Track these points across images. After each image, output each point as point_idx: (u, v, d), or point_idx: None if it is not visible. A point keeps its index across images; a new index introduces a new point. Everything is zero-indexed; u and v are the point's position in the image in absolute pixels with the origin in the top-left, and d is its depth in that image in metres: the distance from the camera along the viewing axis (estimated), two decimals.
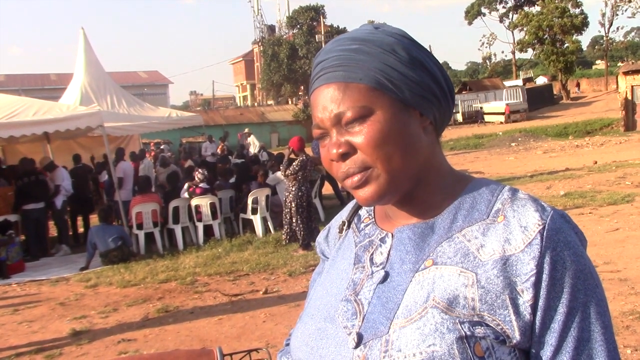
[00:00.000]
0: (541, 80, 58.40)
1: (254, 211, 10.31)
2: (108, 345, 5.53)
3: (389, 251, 0.97)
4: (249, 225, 10.62)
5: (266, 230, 10.36)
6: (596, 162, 16.45)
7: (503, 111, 38.92)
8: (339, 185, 12.87)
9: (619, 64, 54.86)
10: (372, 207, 1.09)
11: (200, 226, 10.17)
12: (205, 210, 10.14)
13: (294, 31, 51.80)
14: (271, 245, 9.32)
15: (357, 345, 0.89)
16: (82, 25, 17.16)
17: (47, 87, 52.92)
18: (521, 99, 41.41)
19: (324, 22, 47.76)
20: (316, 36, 46.61)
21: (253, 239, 9.94)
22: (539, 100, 43.27)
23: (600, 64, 69.85)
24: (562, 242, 0.86)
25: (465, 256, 0.89)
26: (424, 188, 0.97)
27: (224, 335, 5.54)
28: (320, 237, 1.22)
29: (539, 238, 0.85)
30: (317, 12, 50.11)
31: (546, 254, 0.84)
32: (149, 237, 9.95)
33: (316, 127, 0.96)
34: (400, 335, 0.86)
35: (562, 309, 0.84)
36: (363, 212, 1.11)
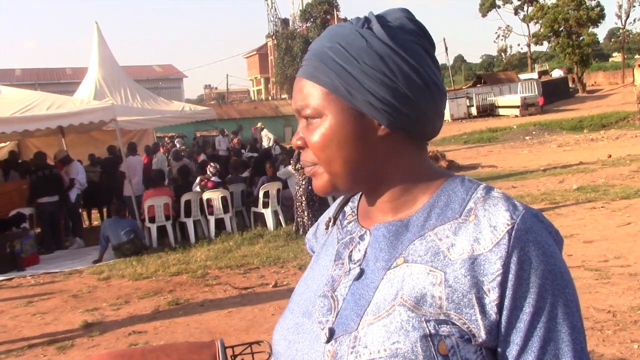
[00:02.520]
0: (557, 73, 57.85)
1: (265, 205, 10.36)
2: (119, 337, 5.61)
3: (366, 249, 0.98)
4: (260, 218, 10.67)
5: (277, 223, 10.41)
6: (610, 156, 16.31)
7: (518, 104, 38.65)
8: None
9: (636, 56, 54.26)
10: (357, 204, 1.11)
11: (211, 219, 10.24)
12: (217, 203, 10.20)
13: (308, 24, 51.76)
14: (282, 239, 9.37)
15: (329, 340, 0.91)
16: (95, 19, 17.29)
17: (63, 81, 53.25)
18: (536, 92, 41.11)
19: (337, 15, 47.66)
20: None
21: (264, 232, 10.00)
22: (554, 93, 42.89)
23: (617, 57, 69.01)
24: (530, 241, 0.86)
25: (436, 255, 0.89)
26: (388, 188, 0.99)
27: (233, 328, 5.59)
28: (309, 234, 1.24)
29: (507, 238, 0.86)
30: (330, 5, 50.02)
31: (513, 253, 0.85)
32: (161, 230, 10.03)
33: (295, 112, 1.03)
34: (368, 332, 0.87)
35: (528, 309, 0.84)
36: (347, 208, 1.12)
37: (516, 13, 65.04)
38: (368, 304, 0.91)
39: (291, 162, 9.12)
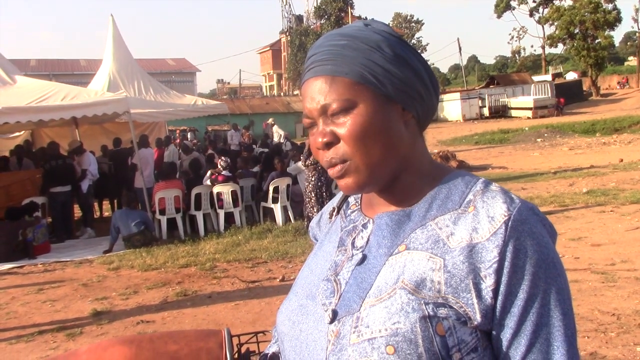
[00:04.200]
0: (571, 76, 57.52)
1: (275, 200, 10.43)
2: (127, 326, 5.69)
3: (369, 236, 1.04)
4: (269, 213, 10.74)
5: (286, 219, 10.47)
6: (622, 160, 16.24)
7: (531, 106, 38.49)
8: None
9: None
10: (360, 195, 1.16)
11: (221, 213, 10.32)
12: (227, 197, 10.27)
13: (322, 22, 51.77)
14: (290, 234, 9.44)
15: (332, 320, 0.97)
16: (111, 11, 17.42)
17: (77, 72, 53.52)
18: (549, 95, 40.92)
19: (351, 13, 47.64)
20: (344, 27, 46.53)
21: (273, 227, 10.06)
22: (568, 96, 42.69)
23: (632, 61, 68.54)
24: (526, 232, 0.91)
25: (436, 243, 0.95)
26: (403, 179, 1.04)
27: (239, 320, 5.66)
28: (313, 222, 1.30)
29: (504, 228, 0.91)
30: (345, 2, 49.97)
31: (509, 242, 0.90)
32: (171, 222, 10.12)
33: (305, 117, 1.04)
34: (370, 312, 0.93)
35: (522, 295, 0.90)
36: (351, 199, 1.18)
37: (531, 15, 64.74)
38: (370, 287, 0.96)
39: (301, 158, 9.16)
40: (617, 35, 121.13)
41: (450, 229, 0.96)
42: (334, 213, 1.19)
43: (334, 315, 0.97)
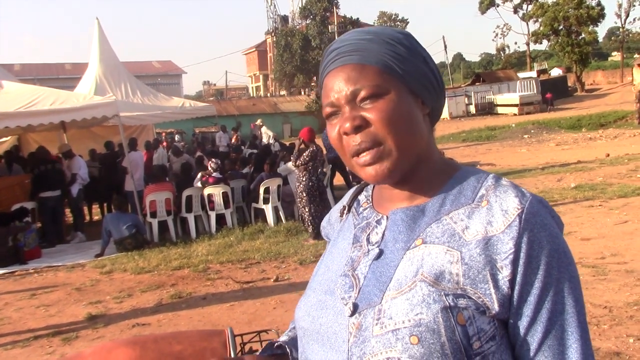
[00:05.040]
0: (556, 72, 57.90)
1: (266, 201, 10.44)
2: (123, 329, 5.70)
3: (384, 231, 1.08)
4: (260, 214, 10.75)
5: (277, 219, 10.49)
6: (609, 155, 16.39)
7: (517, 102, 38.71)
8: (350, 175, 13.00)
9: (635, 55, 54.36)
10: (370, 193, 1.20)
11: (212, 215, 10.32)
12: (218, 199, 10.27)
13: (307, 22, 51.76)
14: (282, 235, 9.46)
15: (353, 313, 1.00)
16: (96, 14, 17.33)
17: (62, 76, 53.32)
18: (535, 91, 41.14)
19: (337, 13, 47.70)
20: (329, 27, 46.59)
21: (264, 228, 10.08)
22: (553, 92, 42.93)
23: (616, 56, 69.10)
24: (538, 224, 0.96)
25: (452, 236, 0.99)
26: (418, 173, 1.07)
27: (235, 321, 5.68)
28: (324, 221, 1.34)
29: (518, 220, 0.96)
30: (330, 2, 50.00)
31: (524, 234, 0.95)
32: (163, 225, 10.11)
33: (329, 106, 1.06)
34: (392, 305, 0.96)
35: (537, 284, 0.94)
36: (362, 197, 1.22)
37: (515, 11, 65.05)
38: (389, 280, 1.00)
39: (292, 158, 9.18)
40: (601, 31, 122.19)
41: (465, 222, 1.00)
42: (345, 211, 1.23)
43: (355, 308, 1.00)
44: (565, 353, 0.94)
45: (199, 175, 10.88)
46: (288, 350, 1.24)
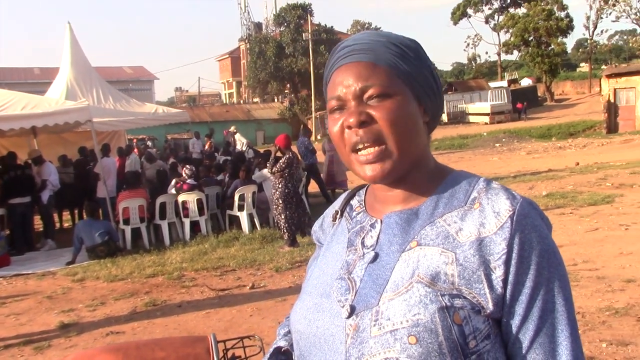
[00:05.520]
0: (526, 82, 58.85)
1: (241, 208, 10.39)
2: (96, 338, 5.60)
3: (379, 235, 1.09)
4: (235, 221, 10.69)
5: (252, 226, 10.44)
6: (578, 164, 16.70)
7: (488, 112, 39.24)
8: (325, 182, 13.02)
9: (603, 66, 55.50)
10: (363, 198, 1.21)
11: (186, 222, 10.23)
12: (192, 206, 10.19)
13: (281, 29, 51.72)
14: (257, 242, 9.41)
15: (350, 315, 1.01)
16: (67, 18, 17.12)
17: (31, 81, 52.36)
18: (506, 100, 41.77)
19: (311, 21, 47.74)
20: (303, 35, 46.56)
21: (239, 235, 10.02)
22: (523, 101, 43.65)
23: (584, 67, 70.50)
24: (529, 225, 0.99)
25: (446, 238, 1.01)
26: (413, 177, 1.09)
27: (211, 329, 5.62)
28: (315, 226, 1.34)
29: (510, 222, 0.98)
30: (304, 10, 50.03)
31: (516, 235, 0.97)
32: (136, 232, 9.99)
33: (335, 99, 1.07)
34: (389, 306, 0.98)
35: (529, 283, 0.97)
36: (354, 202, 1.23)
37: (487, 22, 66.04)
38: (386, 282, 1.01)
39: (267, 165, 9.15)
40: (570, 42, 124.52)
41: (458, 225, 1.02)
42: (338, 216, 1.23)
43: (352, 310, 1.01)
44: (556, 350, 0.97)
45: (173, 182, 10.78)
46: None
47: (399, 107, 1.03)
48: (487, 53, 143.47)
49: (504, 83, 55.60)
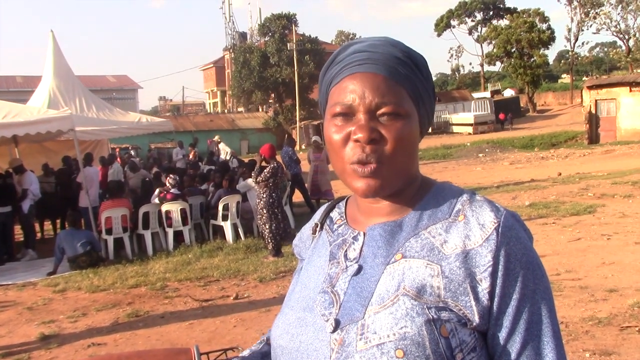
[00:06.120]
0: (508, 93, 59.45)
1: (225, 217, 10.34)
2: (78, 350, 5.53)
3: (362, 247, 1.08)
4: (219, 231, 10.63)
5: (236, 236, 10.39)
6: (560, 174, 16.82)
7: (471, 122, 39.53)
8: (309, 192, 13.00)
9: (584, 78, 56.25)
10: (344, 210, 1.20)
11: (170, 232, 10.15)
12: (176, 215, 10.12)
13: (266, 39, 51.82)
14: (241, 252, 9.36)
15: (335, 329, 0.99)
16: (50, 27, 17.01)
17: (13, 89, 51.90)
18: (489, 111, 42.14)
19: (295, 31, 47.91)
20: (288, 44, 46.69)
21: (223, 245, 9.96)
22: (506, 112, 44.09)
23: (565, 78, 71.37)
24: (514, 237, 0.99)
25: (431, 250, 1.00)
26: (403, 190, 1.08)
27: (195, 340, 5.57)
28: (296, 240, 1.32)
29: (495, 234, 0.98)
30: (289, 20, 50.22)
31: (501, 247, 0.97)
32: (118, 242, 9.89)
33: (345, 107, 1.03)
34: (375, 319, 0.96)
35: (515, 296, 0.96)
36: (335, 214, 1.21)
37: (470, 33, 66.72)
38: (371, 295, 1.00)
39: (252, 175, 9.12)
40: (551, 54, 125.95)
41: (443, 237, 1.01)
42: (317, 229, 1.22)
43: (337, 324, 1.00)
44: None
45: (157, 191, 10.70)
46: None
47: (408, 130, 1.02)
48: (470, 64, 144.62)
49: (487, 94, 56.15)
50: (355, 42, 1.08)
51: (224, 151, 21.18)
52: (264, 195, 8.76)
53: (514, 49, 52.87)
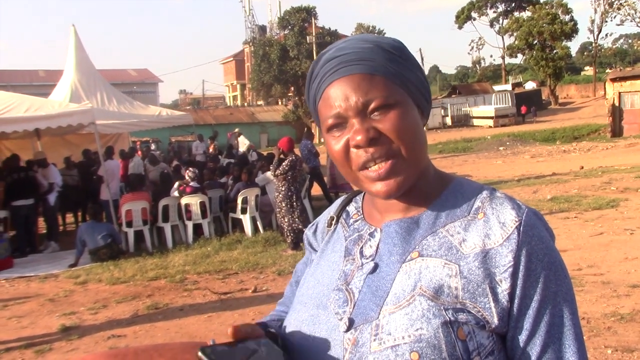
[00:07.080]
0: (530, 85, 58.81)
1: (244, 211, 10.36)
2: (98, 341, 5.58)
3: (378, 244, 1.04)
4: (238, 224, 10.67)
5: (255, 229, 10.41)
6: (582, 167, 16.62)
7: (492, 115, 39.20)
8: (328, 185, 12.99)
9: (607, 70, 55.43)
10: (361, 204, 1.17)
11: (189, 225, 10.21)
12: (195, 209, 10.17)
13: (285, 32, 51.71)
14: (260, 245, 9.38)
15: (348, 329, 0.97)
16: (72, 21, 17.15)
17: (36, 83, 52.57)
18: (510, 104, 41.74)
19: (315, 24, 47.76)
20: (307, 37, 46.54)
21: (242, 238, 9.99)
22: (528, 105, 43.63)
23: (588, 70, 70.47)
24: (536, 237, 0.95)
25: (449, 249, 0.97)
26: (418, 183, 1.03)
27: (213, 332, 5.59)
28: (308, 231, 1.29)
29: (516, 233, 0.94)
30: (308, 13, 50.02)
31: (523, 247, 0.93)
32: (138, 235, 9.97)
33: (333, 118, 1.00)
34: (390, 320, 0.93)
35: (536, 297, 0.93)
36: (351, 208, 1.18)
37: (492, 25, 66.04)
38: (386, 294, 0.97)
39: (271, 168, 9.13)
40: (574, 45, 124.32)
41: (461, 235, 0.98)
42: (333, 222, 1.19)
43: (350, 324, 0.97)
44: None
45: (177, 184, 10.76)
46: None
47: (403, 116, 0.98)
48: (491, 56, 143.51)
49: (508, 86, 55.53)
50: (325, 52, 1.05)
51: (243, 144, 21.19)
52: (283, 189, 8.76)
53: (535, 41, 52.24)
